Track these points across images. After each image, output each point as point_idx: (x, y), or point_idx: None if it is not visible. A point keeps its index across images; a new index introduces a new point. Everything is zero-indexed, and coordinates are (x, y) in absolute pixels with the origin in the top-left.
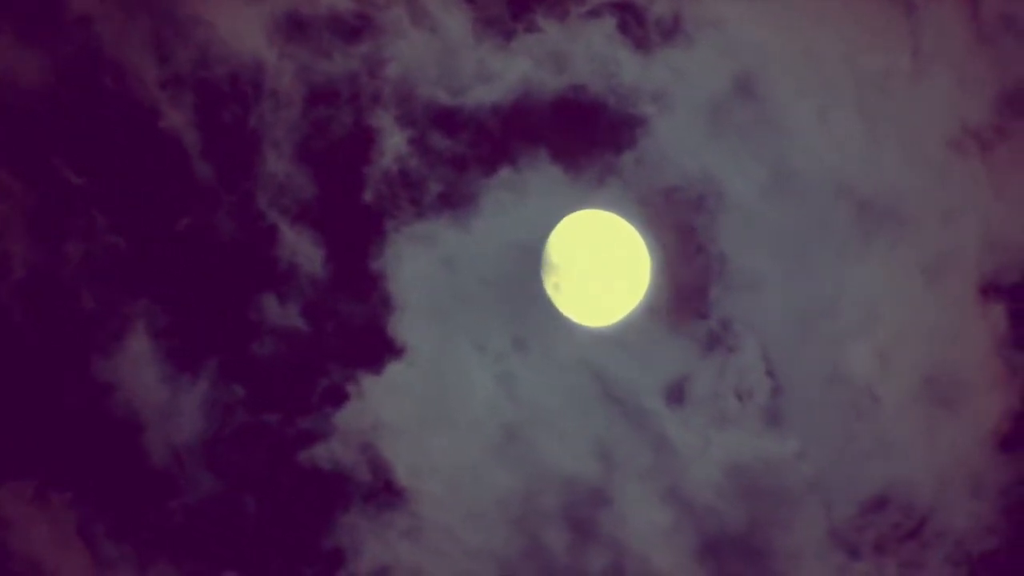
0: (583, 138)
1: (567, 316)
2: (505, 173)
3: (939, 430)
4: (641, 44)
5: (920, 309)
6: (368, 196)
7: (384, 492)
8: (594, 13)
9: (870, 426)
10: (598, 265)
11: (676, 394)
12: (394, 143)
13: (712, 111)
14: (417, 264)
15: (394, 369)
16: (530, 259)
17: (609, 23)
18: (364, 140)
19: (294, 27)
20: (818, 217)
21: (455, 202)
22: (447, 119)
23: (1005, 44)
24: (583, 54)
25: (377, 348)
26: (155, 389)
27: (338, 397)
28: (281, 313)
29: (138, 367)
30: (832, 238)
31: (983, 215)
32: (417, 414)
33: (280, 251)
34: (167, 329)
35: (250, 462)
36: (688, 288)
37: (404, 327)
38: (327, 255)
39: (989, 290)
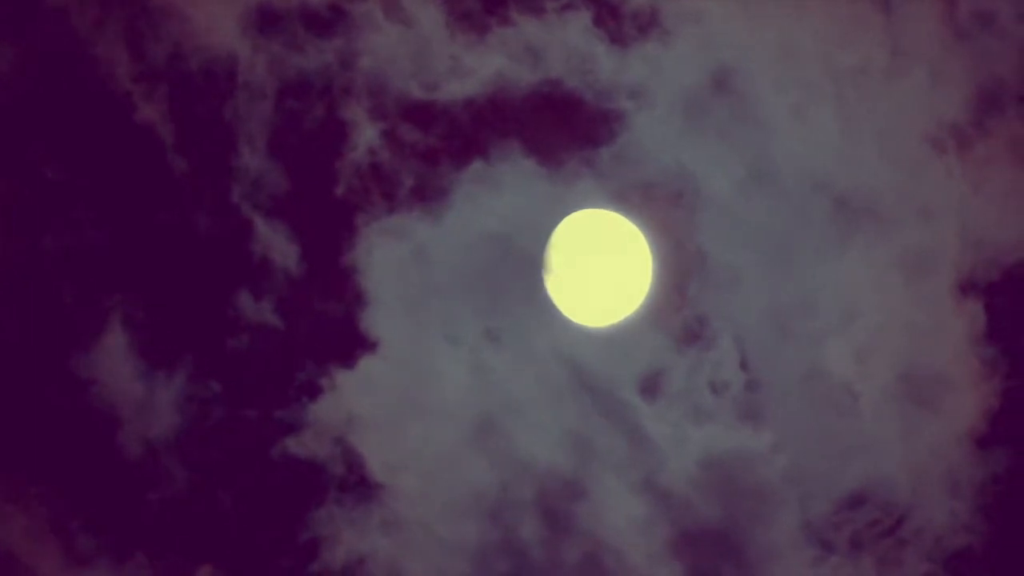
0: (558, 133)
1: (568, 316)
2: (478, 166)
3: (916, 427)
4: (617, 38)
5: (898, 306)
6: (340, 190)
7: (358, 486)
8: (569, 7)
9: (847, 423)
10: (600, 265)
11: (651, 387)
12: (367, 137)
13: (689, 106)
14: (389, 258)
15: (367, 363)
16: (502, 251)
17: (585, 17)
18: (337, 134)
19: (267, 20)
20: (795, 213)
21: (427, 196)
22: (420, 113)
23: (982, 41)
24: (558, 49)
25: (350, 342)
26: (131, 384)
27: (312, 392)
28: (255, 308)
29: (114, 362)
30: (809, 234)
31: (961, 212)
32: (391, 408)
33: (254, 246)
34: (143, 324)
35: (225, 457)
36: (667, 284)
37: (377, 321)
38: (300, 249)
39: (967, 287)
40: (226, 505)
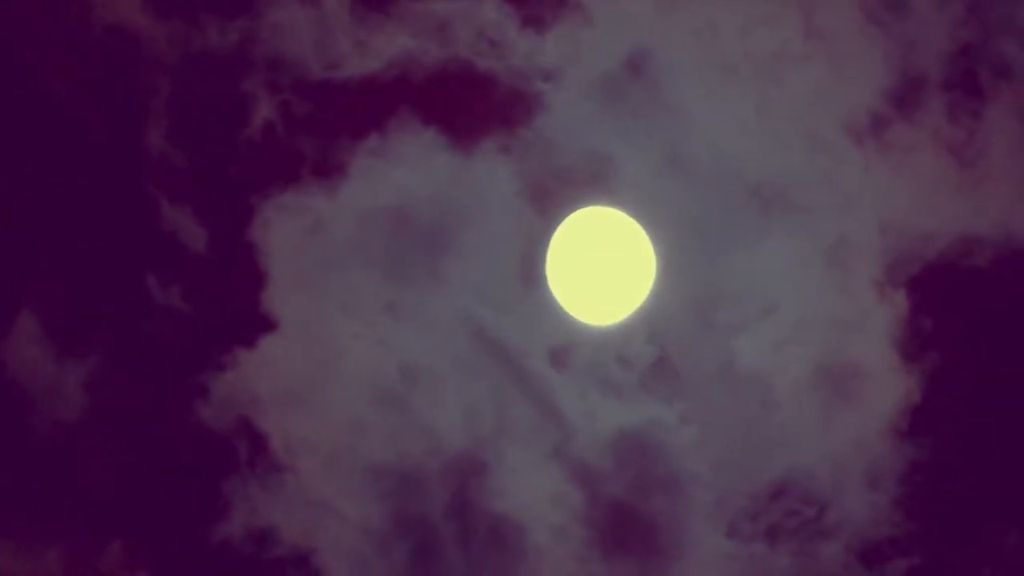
0: (465, 111)
1: (572, 314)
2: (375, 140)
3: (836, 419)
4: (531, 19)
5: (817, 297)
6: (240, 168)
7: (262, 465)
8: None
9: (765, 414)
10: (601, 263)
11: (561, 358)
12: (264, 114)
13: (605, 89)
14: (287, 234)
15: (268, 342)
16: (401, 224)
17: None
18: (237, 111)
19: None
20: (713, 200)
21: (324, 170)
22: (319, 90)
23: (896, 26)
24: (469, 28)
25: (250, 321)
26: (41, 367)
27: (216, 373)
28: (160, 290)
29: (25, 346)
30: (727, 222)
31: (881, 202)
32: (292, 386)
33: (159, 226)
34: (52, 308)
35: (131, 438)
36: None
37: (276, 299)
38: (201, 228)
39: (888, 279)
40: (135, 484)
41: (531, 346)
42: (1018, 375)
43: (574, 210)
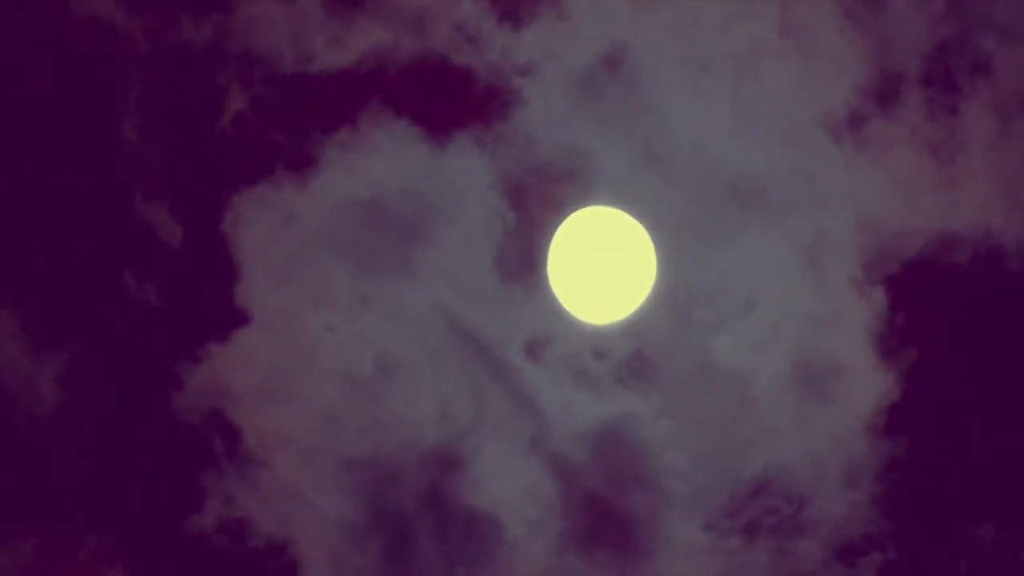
0: (441, 106)
1: (572, 312)
2: (346, 132)
3: (813, 417)
4: (508, 14)
5: (795, 295)
6: (215, 161)
7: (236, 460)
8: None
9: (743, 411)
10: (602, 262)
11: (535, 351)
12: (239, 107)
13: (583, 85)
14: (260, 228)
15: (242, 336)
16: (375, 217)
17: None
18: (212, 105)
19: None
20: (690, 198)
21: (295, 163)
22: (293, 83)
23: (875, 21)
24: (445, 23)
25: (223, 316)
26: (16, 363)
27: (190, 369)
28: (135, 284)
29: (1, 342)
30: (704, 219)
31: (859, 199)
32: (266, 380)
33: (133, 221)
34: (27, 303)
35: (107, 433)
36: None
37: (249, 293)
38: (174, 221)
39: (866, 276)
40: (110, 479)
41: (507, 338)
42: (996, 373)
43: (552, 205)
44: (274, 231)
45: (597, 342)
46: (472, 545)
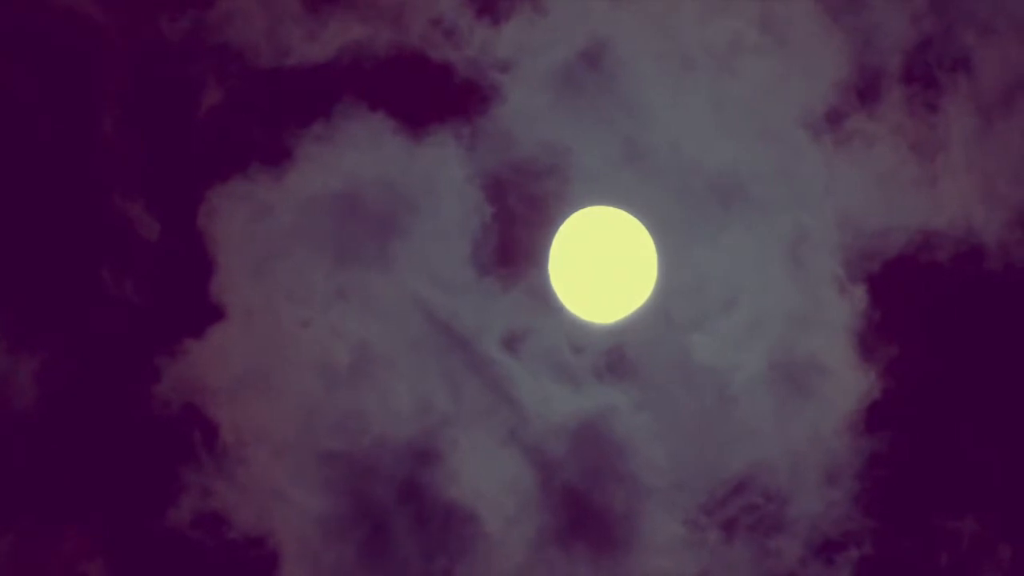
0: (418, 101)
1: (573, 311)
2: (321, 126)
3: (793, 414)
4: (487, 9)
5: (776, 292)
6: (191, 156)
7: (214, 454)
8: None
9: (723, 408)
10: (603, 261)
11: (513, 344)
12: (216, 102)
13: (561, 80)
14: (235, 221)
15: (217, 330)
16: (350, 210)
17: None
18: (188, 100)
19: None
20: (670, 194)
21: (274, 157)
22: (270, 77)
23: (856, 18)
24: (423, 18)
25: (200, 310)
26: None
27: (167, 361)
28: (112, 279)
29: None
30: (685, 216)
31: (840, 197)
32: (243, 374)
33: (110, 216)
34: (4, 299)
35: (84, 427)
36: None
37: (225, 287)
38: (151, 216)
39: (846, 273)
40: (88, 473)
41: (484, 331)
42: (976, 370)
43: (529, 199)
44: (250, 225)
45: (576, 337)
46: (450, 538)
